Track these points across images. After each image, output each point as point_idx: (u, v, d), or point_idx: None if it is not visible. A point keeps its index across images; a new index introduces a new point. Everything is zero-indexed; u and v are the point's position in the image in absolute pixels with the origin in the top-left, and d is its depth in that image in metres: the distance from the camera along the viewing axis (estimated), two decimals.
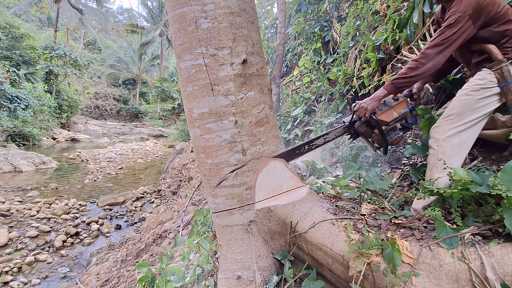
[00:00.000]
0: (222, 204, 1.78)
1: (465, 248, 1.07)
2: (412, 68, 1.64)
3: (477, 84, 1.63)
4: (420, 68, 1.61)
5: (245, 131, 1.72)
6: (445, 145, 1.60)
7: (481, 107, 1.59)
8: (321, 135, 1.92)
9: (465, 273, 1.02)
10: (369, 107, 1.76)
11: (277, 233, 1.72)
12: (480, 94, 1.60)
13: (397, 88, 1.71)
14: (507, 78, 1.53)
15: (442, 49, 1.59)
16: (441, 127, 1.66)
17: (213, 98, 1.68)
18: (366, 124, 1.88)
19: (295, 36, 8.06)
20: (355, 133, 1.97)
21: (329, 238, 1.38)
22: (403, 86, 1.70)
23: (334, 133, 1.95)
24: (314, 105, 4.15)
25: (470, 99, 1.62)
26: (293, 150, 1.88)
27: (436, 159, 1.60)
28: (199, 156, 1.81)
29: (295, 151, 1.89)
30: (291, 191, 1.82)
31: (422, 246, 1.14)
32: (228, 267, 1.71)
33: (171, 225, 4.98)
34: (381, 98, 1.75)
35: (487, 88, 1.59)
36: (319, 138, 1.91)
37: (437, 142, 1.63)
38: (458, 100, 1.67)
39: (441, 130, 1.64)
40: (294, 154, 1.90)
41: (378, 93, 1.76)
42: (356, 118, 1.92)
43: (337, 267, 1.36)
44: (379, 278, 1.19)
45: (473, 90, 1.63)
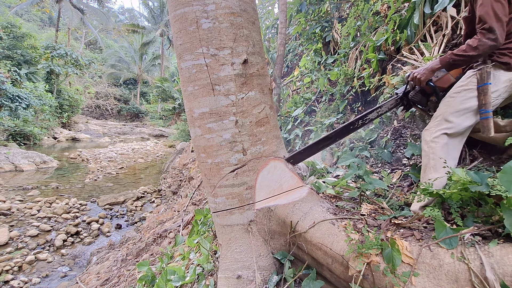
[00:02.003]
0: (222, 203, 1.78)
1: (465, 248, 1.07)
2: (472, 47, 1.52)
3: (460, 86, 1.65)
4: (482, 47, 1.49)
5: (245, 131, 1.72)
6: (434, 146, 1.62)
7: (465, 108, 1.60)
8: (374, 109, 1.92)
9: (465, 273, 1.02)
10: (422, 77, 1.74)
11: (277, 233, 1.73)
12: (462, 95, 1.62)
13: (451, 65, 1.66)
14: (485, 79, 1.54)
15: (502, 22, 1.47)
16: (429, 129, 1.68)
17: (214, 98, 1.68)
18: (421, 93, 1.88)
19: (296, 37, 8.07)
20: (408, 104, 1.97)
21: (329, 238, 1.38)
22: (458, 63, 1.64)
23: (387, 105, 1.95)
24: (314, 106, 4.15)
25: (453, 101, 1.64)
26: (347, 126, 1.91)
27: (429, 160, 1.62)
28: (200, 155, 1.82)
29: (349, 127, 1.91)
30: (291, 191, 1.82)
31: (422, 246, 1.15)
32: (228, 267, 1.71)
33: (171, 224, 4.99)
34: (434, 70, 1.72)
35: (469, 89, 1.60)
36: (372, 112, 1.92)
37: (427, 144, 1.66)
38: (443, 102, 1.70)
39: (429, 132, 1.67)
40: (348, 130, 1.94)
41: (433, 64, 1.72)
42: (409, 88, 1.92)
43: (337, 267, 1.36)
44: (378, 278, 1.19)
45: (456, 92, 1.65)
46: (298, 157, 1.95)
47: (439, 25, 2.65)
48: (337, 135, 1.92)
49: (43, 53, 19.65)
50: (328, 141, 1.94)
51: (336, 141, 1.97)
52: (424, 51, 2.46)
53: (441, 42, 2.41)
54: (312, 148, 1.96)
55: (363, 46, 3.31)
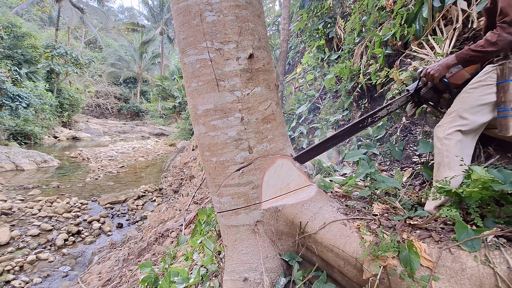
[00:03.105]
0: (228, 203, 1.72)
1: (489, 251, 1.01)
2: (491, 42, 1.44)
3: (477, 82, 1.57)
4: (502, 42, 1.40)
5: (251, 128, 1.66)
6: (448, 143, 1.55)
7: (481, 105, 1.53)
8: (384, 106, 1.86)
9: (490, 278, 0.96)
10: (436, 73, 1.66)
11: (285, 233, 1.67)
12: (480, 91, 1.54)
13: (468, 61, 1.58)
14: (506, 75, 1.45)
15: None
16: (442, 126, 1.61)
17: (219, 94, 1.62)
18: (433, 90, 1.81)
19: (298, 34, 7.98)
20: (419, 101, 1.90)
21: (341, 239, 1.32)
22: (475, 59, 1.56)
23: (398, 102, 1.89)
24: (318, 103, 4.08)
25: (469, 97, 1.57)
26: (356, 124, 1.85)
27: (443, 158, 1.55)
28: (204, 154, 1.75)
29: (358, 125, 1.85)
30: (299, 190, 1.76)
31: (441, 248, 1.08)
32: (234, 269, 1.65)
33: (173, 224, 4.94)
34: (450, 66, 1.64)
35: (487, 85, 1.53)
36: (382, 109, 1.86)
37: (440, 141, 1.59)
38: (459, 98, 1.62)
39: (442, 129, 1.60)
40: (357, 128, 1.88)
41: (448, 60, 1.64)
42: (421, 84, 1.84)
43: (350, 270, 1.30)
44: (395, 282, 1.13)
45: (473, 88, 1.58)
46: (305, 156, 1.89)
47: (449, 19, 2.57)
48: (346, 133, 1.86)
49: (43, 52, 19.59)
50: (336, 140, 1.88)
51: (344, 140, 1.91)
52: (435, 46, 2.39)
53: (451, 36, 2.33)
54: (319, 147, 1.90)
55: (369, 41, 3.24)
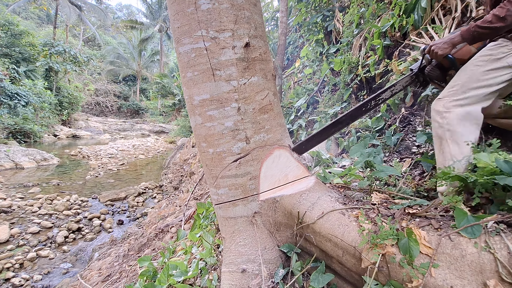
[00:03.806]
0: (225, 195, 1.70)
1: (489, 237, 0.99)
2: (499, 17, 1.36)
3: (487, 55, 1.48)
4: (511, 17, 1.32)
5: (248, 118, 1.64)
6: (449, 116, 1.45)
7: (488, 79, 1.44)
8: (387, 88, 1.80)
9: (491, 264, 0.94)
10: (440, 51, 1.58)
11: (283, 224, 1.65)
12: (489, 65, 1.45)
13: (474, 38, 1.50)
14: None
15: None
16: (443, 99, 1.51)
17: (215, 84, 1.59)
18: (438, 68, 1.74)
19: (296, 29, 7.92)
20: (424, 80, 1.83)
21: (340, 229, 1.30)
22: (482, 36, 1.47)
23: (401, 83, 1.82)
24: (317, 96, 4.05)
25: (477, 70, 1.47)
26: (359, 107, 1.80)
27: (444, 132, 1.46)
28: (200, 145, 1.73)
29: (361, 109, 1.80)
30: (297, 181, 1.74)
31: (441, 235, 1.06)
32: (232, 260, 1.64)
33: (173, 219, 4.93)
34: (455, 44, 1.56)
35: (498, 59, 1.44)
36: (385, 91, 1.80)
37: (440, 115, 1.49)
38: (465, 70, 1.52)
39: (442, 102, 1.50)
40: (361, 112, 1.82)
41: (452, 37, 1.56)
42: (425, 62, 1.77)
43: (348, 259, 1.28)
44: (394, 270, 1.11)
45: (482, 61, 1.48)
46: (306, 145, 1.85)
47: (448, 8, 2.53)
48: (349, 118, 1.81)
49: (41, 50, 19.50)
50: (339, 125, 1.84)
51: (347, 125, 1.87)
52: (434, 35, 2.36)
53: (450, 25, 2.30)
54: (322, 134, 1.86)
55: (368, 33, 3.20)
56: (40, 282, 4.93)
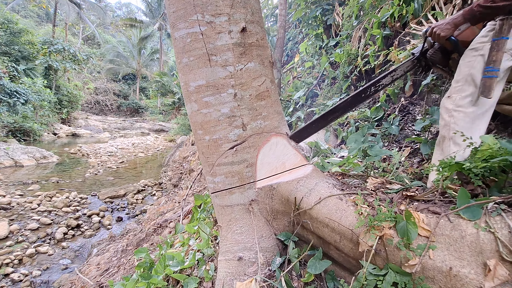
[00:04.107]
0: (222, 183, 1.68)
1: (490, 218, 0.96)
2: None
3: (481, 42, 1.44)
4: None
5: (245, 105, 1.61)
6: (457, 115, 1.42)
7: None
8: (388, 73, 1.75)
9: (491, 243, 0.92)
10: (443, 33, 1.53)
11: (280, 212, 1.63)
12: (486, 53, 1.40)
13: (477, 19, 1.45)
14: (504, 32, 1.33)
15: None
16: (451, 96, 1.48)
17: (211, 70, 1.57)
18: (440, 51, 1.68)
19: (296, 25, 7.89)
20: (426, 64, 1.77)
21: (337, 213, 1.28)
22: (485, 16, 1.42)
23: (402, 68, 1.77)
24: (316, 89, 4.02)
25: (475, 60, 1.43)
26: (359, 93, 1.76)
27: (449, 131, 1.44)
28: (197, 132, 1.71)
29: (361, 95, 1.76)
30: (295, 169, 1.72)
31: (440, 218, 1.04)
32: (229, 249, 1.62)
33: (171, 215, 4.91)
34: (457, 24, 1.51)
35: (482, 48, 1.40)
36: (386, 76, 1.75)
37: (449, 113, 1.46)
38: (464, 63, 1.48)
39: (451, 100, 1.47)
40: (360, 98, 1.78)
41: (455, 18, 1.51)
42: (427, 46, 1.72)
43: (346, 244, 1.26)
44: (392, 253, 1.09)
45: (477, 49, 1.44)
46: (304, 133, 1.82)
47: None
48: (348, 104, 1.77)
49: (41, 48, 19.45)
50: (338, 112, 1.80)
51: (346, 112, 1.83)
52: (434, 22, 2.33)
53: (451, 13, 2.27)
54: (320, 121, 1.83)
55: (367, 24, 3.17)
56: (39, 278, 4.92)
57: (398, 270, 1.04)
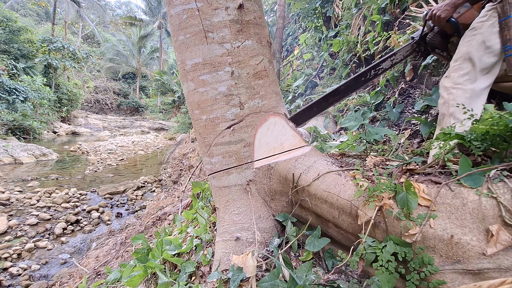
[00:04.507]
0: (219, 163, 1.65)
1: (492, 184, 0.94)
2: None
3: (479, 22, 1.45)
4: None
5: (242, 83, 1.59)
6: (456, 93, 1.43)
7: (490, 47, 1.40)
8: (387, 57, 1.73)
9: (493, 209, 0.89)
10: (443, 14, 1.52)
11: (278, 192, 1.60)
12: (484, 31, 1.42)
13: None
14: (507, 12, 1.34)
15: None
16: (450, 75, 1.49)
17: (207, 47, 1.54)
18: (440, 34, 1.67)
19: (295, 20, 7.85)
20: (425, 49, 1.76)
21: (336, 188, 1.25)
22: None
23: (402, 52, 1.76)
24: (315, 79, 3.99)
25: (474, 39, 1.44)
26: (358, 76, 1.75)
27: (448, 107, 1.44)
28: (193, 113, 1.68)
29: (361, 78, 1.75)
30: (293, 150, 1.69)
31: (440, 187, 1.02)
32: (226, 229, 1.60)
33: (171, 208, 4.89)
34: (457, 5, 1.51)
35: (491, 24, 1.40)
36: (385, 60, 1.73)
37: (447, 91, 1.47)
38: (463, 43, 1.49)
39: (449, 79, 1.48)
40: (360, 82, 1.77)
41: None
42: (427, 30, 1.71)
43: (344, 219, 1.23)
44: (392, 224, 1.06)
45: (477, 29, 1.45)
46: (303, 116, 1.80)
47: None
48: (347, 87, 1.75)
49: (40, 46, 19.42)
50: (337, 96, 1.78)
51: (346, 95, 1.81)
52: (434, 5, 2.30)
53: None
54: (319, 104, 1.81)
55: (367, 11, 3.14)
56: (38, 272, 4.90)
57: (398, 241, 1.01)
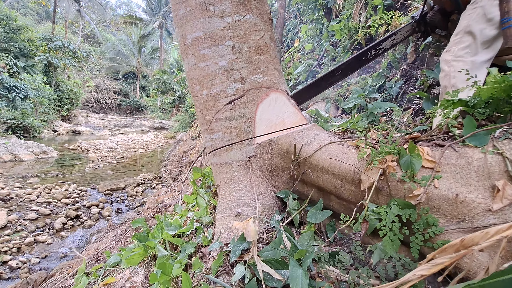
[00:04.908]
0: (220, 139, 1.64)
1: (497, 142, 0.92)
2: None
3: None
4: None
5: (243, 58, 1.57)
6: (457, 64, 1.44)
7: (491, 19, 1.40)
8: (388, 36, 1.74)
9: (499, 165, 0.88)
10: None
11: (279, 168, 1.58)
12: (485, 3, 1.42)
13: None
14: None
15: None
16: (450, 49, 1.50)
17: (208, 20, 1.53)
18: (440, 13, 1.67)
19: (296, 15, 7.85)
20: (425, 29, 1.76)
21: (338, 157, 1.23)
22: None
23: (402, 32, 1.76)
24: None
25: (475, 12, 1.44)
26: (359, 56, 1.75)
27: (450, 79, 1.45)
28: (194, 89, 1.67)
29: (361, 58, 1.75)
30: (294, 128, 1.68)
31: (445, 148, 1.00)
32: (227, 206, 1.58)
33: (171, 201, 4.87)
34: None
35: None
36: (386, 40, 1.73)
37: (448, 63, 1.48)
38: (464, 16, 1.49)
39: (450, 52, 1.49)
40: (360, 61, 1.77)
41: None
42: (427, 9, 1.71)
43: (347, 188, 1.21)
44: (395, 188, 1.04)
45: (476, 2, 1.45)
46: (305, 94, 1.79)
47: None
48: (348, 67, 1.75)
49: (40, 45, 19.43)
50: (337, 75, 1.78)
51: (347, 75, 1.80)
52: None
53: None
54: (319, 84, 1.80)
55: None
56: (37, 265, 4.88)
57: (402, 203, 0.99)
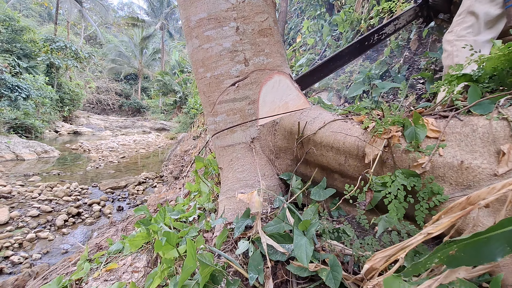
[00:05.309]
0: (223, 122, 1.64)
1: (502, 109, 0.92)
2: None
3: None
4: None
5: (247, 39, 1.58)
6: (459, 44, 1.44)
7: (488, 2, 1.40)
8: (390, 21, 1.73)
9: (504, 130, 0.88)
10: None
11: (282, 149, 1.59)
12: None
13: None
14: None
15: None
16: (452, 30, 1.50)
17: (212, 1, 1.54)
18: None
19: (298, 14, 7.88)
20: (428, 13, 1.76)
21: (342, 132, 1.23)
22: None
23: (405, 17, 1.75)
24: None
25: None
26: (361, 41, 1.73)
27: (453, 58, 1.44)
28: (198, 71, 1.68)
29: (364, 43, 1.74)
30: (297, 111, 1.68)
31: (449, 118, 1.00)
32: (230, 187, 1.58)
33: (172, 196, 4.87)
34: None
35: None
36: (388, 24, 1.73)
37: (450, 43, 1.47)
38: None
39: (452, 33, 1.49)
40: (363, 46, 1.76)
41: None
42: None
43: (351, 164, 1.21)
44: (400, 159, 1.04)
45: None
46: (308, 78, 1.80)
47: None
48: (351, 52, 1.75)
49: (42, 46, 19.54)
50: (340, 61, 1.78)
51: (349, 61, 1.80)
52: None
53: None
54: (322, 69, 1.80)
55: None
56: (39, 261, 4.88)
57: (406, 173, 0.99)
